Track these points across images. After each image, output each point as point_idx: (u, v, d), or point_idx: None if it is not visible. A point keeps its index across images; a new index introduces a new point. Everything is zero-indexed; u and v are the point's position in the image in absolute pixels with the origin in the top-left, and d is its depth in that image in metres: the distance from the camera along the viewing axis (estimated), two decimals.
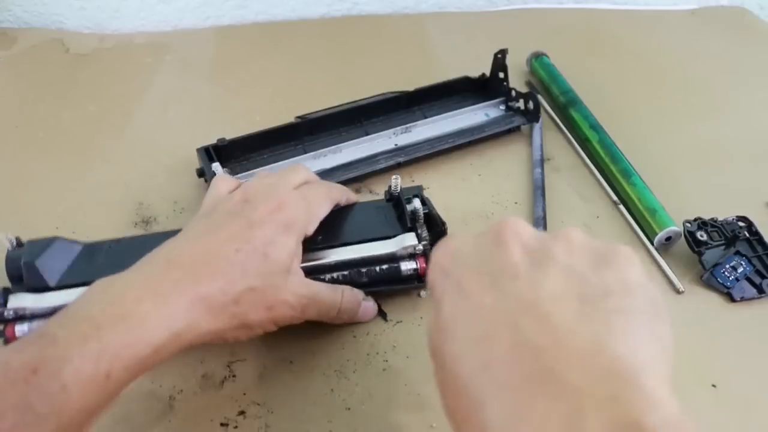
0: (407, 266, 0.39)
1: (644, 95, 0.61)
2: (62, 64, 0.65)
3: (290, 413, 0.35)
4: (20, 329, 0.35)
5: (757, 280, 0.41)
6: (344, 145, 0.51)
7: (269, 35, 0.70)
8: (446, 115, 0.54)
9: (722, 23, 0.72)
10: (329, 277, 0.38)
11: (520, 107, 0.55)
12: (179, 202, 0.49)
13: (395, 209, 0.41)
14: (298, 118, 0.52)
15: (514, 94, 0.54)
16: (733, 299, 0.41)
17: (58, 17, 0.71)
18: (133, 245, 0.38)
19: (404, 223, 0.40)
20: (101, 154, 0.54)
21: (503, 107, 0.56)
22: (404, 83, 0.56)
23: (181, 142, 0.52)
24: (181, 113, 0.59)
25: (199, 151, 0.49)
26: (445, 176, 0.51)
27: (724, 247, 0.43)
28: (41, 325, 0.32)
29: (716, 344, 0.39)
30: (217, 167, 0.46)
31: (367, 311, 0.39)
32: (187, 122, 0.58)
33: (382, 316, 0.40)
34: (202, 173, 0.48)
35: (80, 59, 0.66)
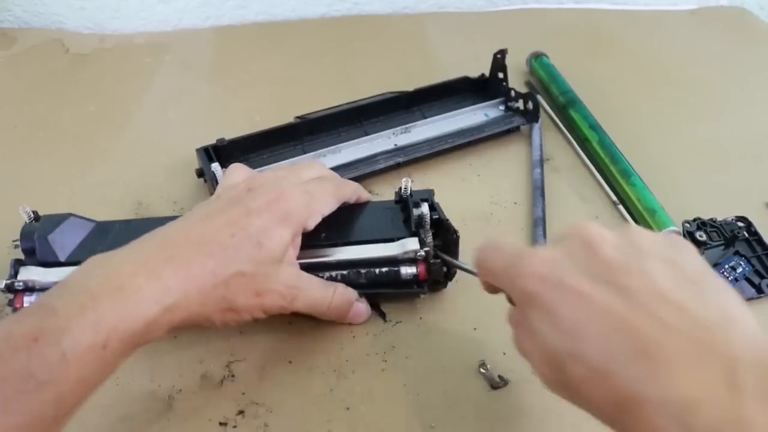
0: (407, 271, 0.39)
1: (644, 95, 0.61)
2: (62, 64, 0.65)
3: (289, 413, 0.35)
4: (28, 300, 0.36)
5: (756, 280, 0.42)
6: (344, 145, 0.51)
7: (269, 35, 0.70)
8: (446, 115, 0.54)
9: (722, 23, 0.72)
10: (327, 275, 0.38)
11: (519, 107, 0.55)
12: (179, 201, 0.49)
13: (403, 212, 0.41)
14: (297, 118, 0.52)
15: (513, 94, 0.54)
16: None
17: (58, 17, 0.71)
18: (142, 226, 0.39)
19: (410, 226, 0.40)
20: (101, 153, 0.54)
21: (503, 107, 0.56)
22: (404, 83, 0.56)
23: (180, 142, 0.52)
24: (180, 113, 0.59)
25: (198, 151, 0.49)
26: (444, 176, 0.51)
27: (723, 247, 0.43)
28: (40, 296, 0.34)
29: None
30: (216, 167, 0.46)
31: (358, 313, 0.39)
32: (186, 122, 0.58)
33: (381, 316, 0.40)
34: (201, 173, 0.48)
35: (80, 59, 0.66)
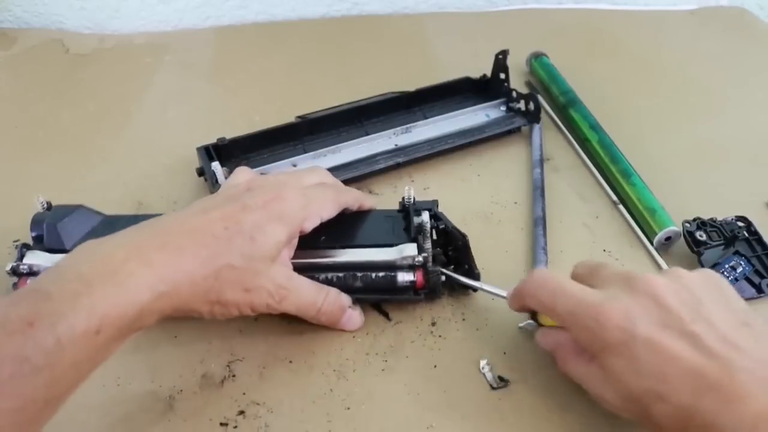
0: (404, 277, 0.38)
1: (644, 95, 0.61)
2: (62, 64, 0.65)
3: (290, 413, 0.35)
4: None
5: (756, 280, 0.41)
6: (344, 145, 0.51)
7: (269, 35, 0.70)
8: (447, 115, 0.54)
9: (721, 23, 0.72)
10: (323, 276, 0.38)
11: (520, 108, 0.55)
12: (179, 202, 0.49)
13: (404, 220, 0.41)
14: (298, 117, 0.52)
15: (515, 95, 0.54)
16: None
17: (58, 17, 0.71)
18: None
19: (410, 234, 0.40)
20: (101, 153, 0.54)
21: (504, 108, 0.56)
22: (403, 83, 0.56)
23: (180, 141, 0.52)
24: (180, 113, 0.59)
25: (199, 150, 0.49)
26: (444, 176, 0.51)
27: (723, 247, 0.43)
28: (33, 281, 0.33)
29: None
30: (216, 166, 0.46)
31: (351, 320, 0.39)
32: (186, 122, 0.58)
33: (384, 315, 0.40)
34: (201, 172, 0.48)
35: (80, 59, 0.66)
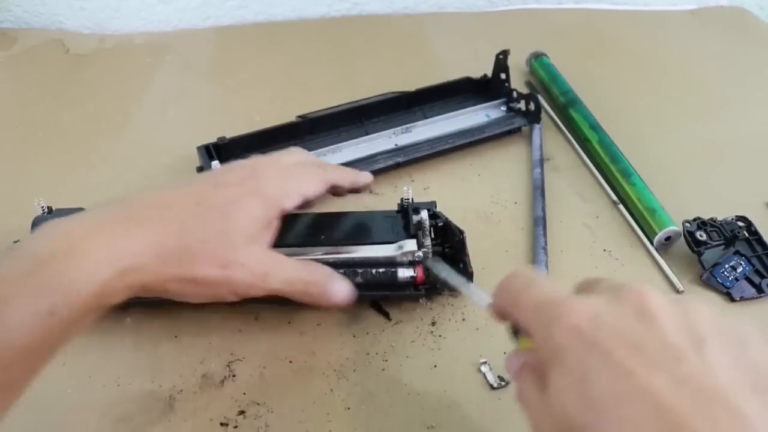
0: (404, 273, 0.39)
1: (644, 95, 0.61)
2: (62, 64, 0.65)
3: (290, 413, 0.35)
4: None
5: (756, 279, 0.42)
6: (344, 144, 0.51)
7: (269, 35, 0.70)
8: (447, 115, 0.54)
9: (721, 23, 0.72)
10: None
11: (520, 108, 0.55)
12: None
13: (404, 220, 0.41)
14: (299, 117, 0.52)
15: (515, 95, 0.54)
16: (732, 299, 0.41)
17: (58, 17, 0.71)
18: None
19: (409, 232, 0.40)
20: (101, 153, 0.54)
21: (504, 108, 0.56)
22: (403, 83, 0.56)
23: (180, 141, 0.52)
24: (180, 113, 0.59)
25: (199, 148, 0.49)
26: (444, 176, 0.51)
27: (723, 246, 0.43)
28: None
29: None
30: (216, 165, 0.46)
31: (342, 289, 0.34)
32: (186, 122, 0.58)
33: (384, 315, 0.40)
34: (201, 171, 0.48)
35: (80, 59, 0.66)
